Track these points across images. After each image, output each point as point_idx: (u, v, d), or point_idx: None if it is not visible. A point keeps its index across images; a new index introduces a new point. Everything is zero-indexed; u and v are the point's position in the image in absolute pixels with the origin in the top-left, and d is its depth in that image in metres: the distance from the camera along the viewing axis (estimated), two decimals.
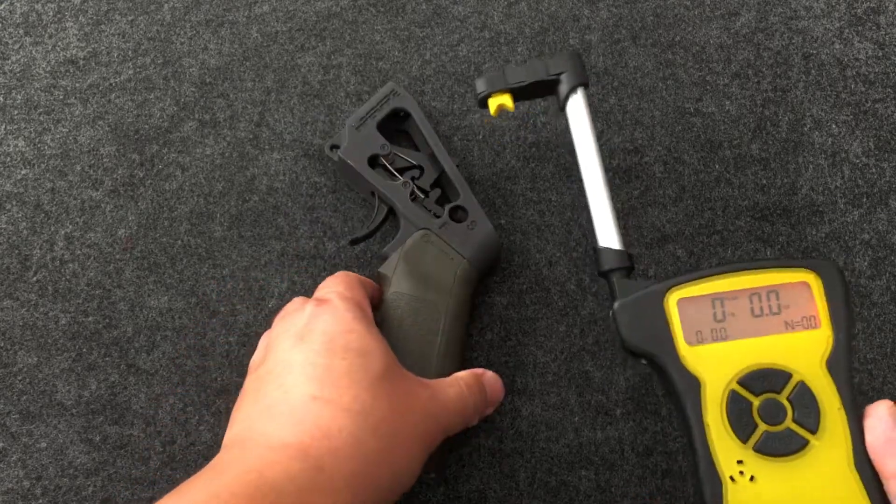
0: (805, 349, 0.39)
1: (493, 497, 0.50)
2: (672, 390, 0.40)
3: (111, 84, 0.61)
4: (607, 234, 0.44)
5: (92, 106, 0.61)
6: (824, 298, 0.40)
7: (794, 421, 0.38)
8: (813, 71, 0.58)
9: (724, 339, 0.40)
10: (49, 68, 0.62)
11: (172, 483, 0.52)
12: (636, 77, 0.59)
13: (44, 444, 0.53)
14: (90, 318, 0.55)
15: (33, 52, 0.62)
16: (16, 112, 0.61)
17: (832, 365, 0.39)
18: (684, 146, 0.57)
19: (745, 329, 0.40)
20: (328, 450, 0.34)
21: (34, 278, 0.56)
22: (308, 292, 0.55)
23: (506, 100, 0.49)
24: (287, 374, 0.38)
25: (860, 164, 0.56)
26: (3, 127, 0.60)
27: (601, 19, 0.60)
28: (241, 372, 0.54)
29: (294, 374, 0.37)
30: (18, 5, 0.64)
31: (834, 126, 0.57)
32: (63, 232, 0.57)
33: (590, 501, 0.49)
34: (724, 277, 0.41)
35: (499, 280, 0.55)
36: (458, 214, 0.53)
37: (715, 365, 0.40)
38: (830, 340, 0.39)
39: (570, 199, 0.56)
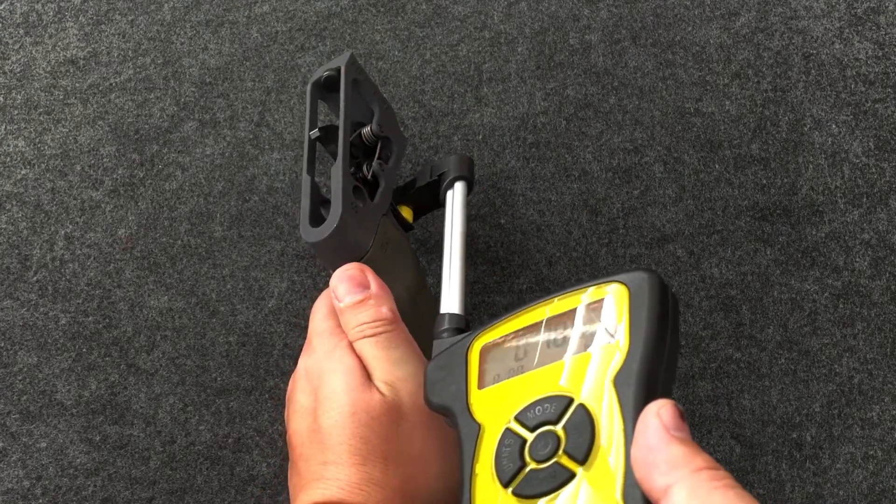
0: (594, 368, 0.33)
1: None
2: (458, 444, 0.35)
3: (111, 84, 0.61)
4: (451, 302, 0.45)
5: (92, 106, 0.61)
6: (628, 311, 0.33)
7: (565, 452, 0.31)
8: (813, 71, 0.58)
9: (518, 373, 0.35)
10: (49, 68, 0.62)
11: (172, 483, 0.52)
12: (636, 77, 0.59)
13: (44, 444, 0.53)
14: (90, 318, 0.55)
15: (33, 52, 0.62)
16: (16, 112, 0.61)
17: (621, 381, 0.31)
18: (684, 146, 0.57)
19: (539, 360, 0.35)
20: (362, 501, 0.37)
21: (34, 278, 0.56)
22: (308, 292, 0.55)
23: (405, 212, 0.51)
24: (303, 447, 0.40)
25: (860, 164, 0.56)
26: (3, 127, 0.60)
27: (601, 19, 0.60)
28: (241, 372, 0.54)
29: (307, 445, 0.40)
30: (18, 5, 0.64)
31: (834, 126, 0.57)
32: (63, 232, 0.57)
33: None
34: (529, 311, 0.36)
35: (499, 280, 0.55)
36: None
37: (501, 405, 0.34)
38: (625, 354, 0.32)
39: (570, 199, 0.56)
